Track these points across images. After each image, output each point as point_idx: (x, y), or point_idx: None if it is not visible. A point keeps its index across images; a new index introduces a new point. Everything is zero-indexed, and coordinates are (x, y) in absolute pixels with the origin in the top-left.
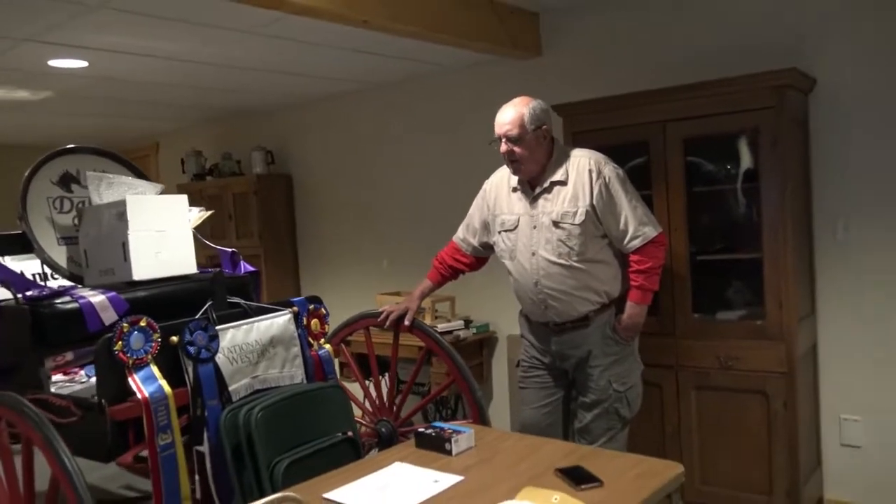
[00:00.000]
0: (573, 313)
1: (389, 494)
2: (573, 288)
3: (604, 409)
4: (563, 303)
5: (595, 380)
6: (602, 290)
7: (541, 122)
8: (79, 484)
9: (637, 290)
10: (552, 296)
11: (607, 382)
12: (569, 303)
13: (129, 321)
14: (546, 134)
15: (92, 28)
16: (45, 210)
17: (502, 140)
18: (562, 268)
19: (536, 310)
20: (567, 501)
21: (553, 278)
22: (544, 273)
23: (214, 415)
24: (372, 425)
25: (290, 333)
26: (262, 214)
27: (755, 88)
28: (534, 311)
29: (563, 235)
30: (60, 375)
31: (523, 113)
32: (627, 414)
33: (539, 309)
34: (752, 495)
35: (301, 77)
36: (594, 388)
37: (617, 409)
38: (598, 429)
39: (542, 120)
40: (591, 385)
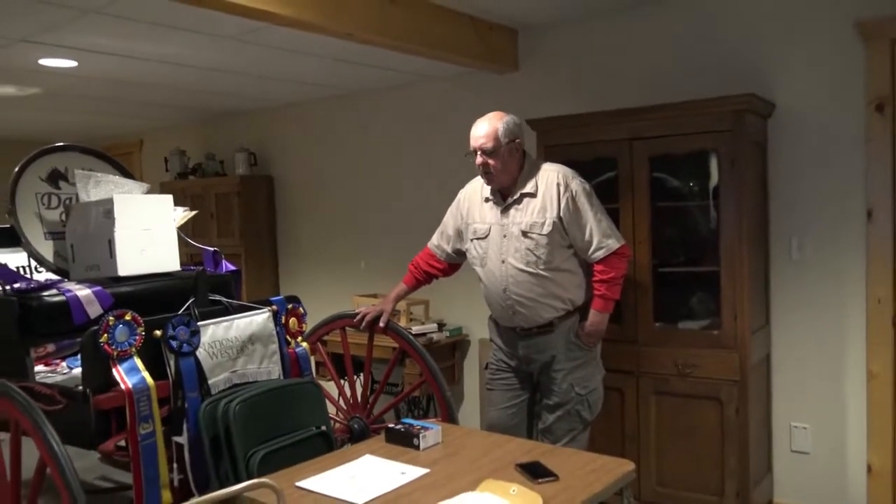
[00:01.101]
0: (539, 319)
1: (358, 484)
2: (539, 295)
3: (566, 410)
4: (530, 309)
5: (558, 383)
6: (567, 297)
7: (513, 136)
8: (67, 467)
9: (599, 299)
10: (520, 302)
11: (570, 386)
12: (535, 309)
13: (114, 315)
14: (518, 147)
15: (84, 30)
16: (34, 205)
17: (477, 152)
18: (529, 275)
19: (505, 315)
20: (524, 493)
21: (521, 285)
22: (513, 280)
23: (194, 406)
24: (345, 422)
25: (269, 331)
26: (243, 214)
27: (716, 112)
28: (502, 315)
29: (532, 245)
30: (42, 366)
31: (497, 127)
32: (588, 416)
33: (507, 314)
34: (705, 496)
35: (284, 82)
36: (557, 392)
37: (578, 411)
38: (560, 430)
39: (514, 134)
40: (554, 388)
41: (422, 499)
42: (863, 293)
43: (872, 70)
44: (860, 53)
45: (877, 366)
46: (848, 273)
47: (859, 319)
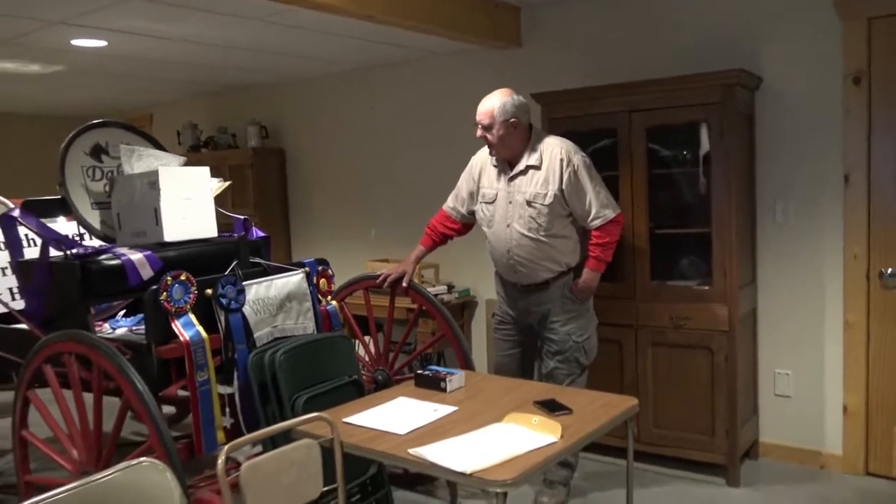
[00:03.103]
0: (536, 279)
1: (398, 419)
2: (539, 258)
3: (565, 357)
4: (530, 269)
5: (557, 332)
6: (563, 261)
7: (510, 115)
8: (150, 402)
9: (594, 260)
10: (521, 263)
11: (567, 335)
12: (534, 269)
13: (171, 275)
14: (516, 125)
15: (120, 13)
16: (80, 177)
17: (478, 126)
18: (531, 240)
19: (507, 272)
20: (544, 423)
21: (523, 248)
22: (516, 243)
23: (243, 357)
24: (370, 374)
25: (304, 290)
26: (256, 186)
27: (707, 85)
28: (505, 272)
29: (534, 213)
30: None
31: (495, 106)
32: (585, 361)
33: (510, 272)
34: (697, 436)
35: (296, 58)
36: (556, 340)
37: (577, 357)
38: (560, 374)
39: (511, 113)
40: (553, 337)
41: (454, 429)
42: (840, 250)
43: (850, 46)
44: (839, 31)
45: (852, 316)
46: (827, 232)
47: (837, 274)
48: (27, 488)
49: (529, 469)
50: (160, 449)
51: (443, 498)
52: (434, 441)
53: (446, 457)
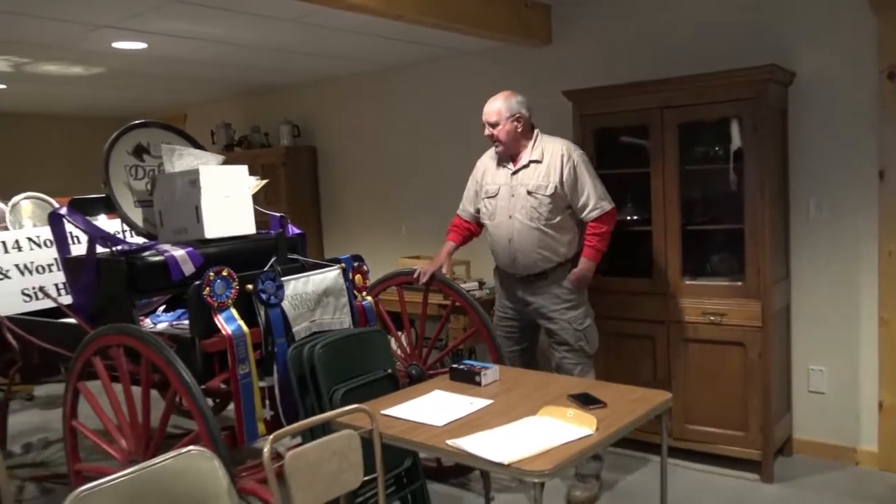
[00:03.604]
0: (535, 269)
1: (435, 411)
2: (538, 247)
3: (570, 347)
4: (529, 258)
5: (557, 322)
6: (560, 251)
7: (514, 113)
8: (197, 392)
9: (591, 249)
10: (521, 251)
11: (567, 323)
12: (533, 259)
13: (214, 271)
14: (520, 121)
15: (162, 17)
16: (123, 176)
17: (485, 125)
18: (531, 230)
19: (507, 262)
20: (580, 416)
21: (523, 237)
22: (517, 233)
23: (282, 351)
24: (403, 368)
25: (340, 286)
26: (289, 184)
27: (740, 81)
28: (505, 262)
29: (536, 203)
30: None
31: (501, 105)
32: (590, 350)
33: (510, 262)
34: (730, 432)
35: (327, 58)
36: (559, 330)
37: (581, 346)
38: (568, 364)
39: (516, 111)
40: (554, 327)
41: (491, 421)
42: (875, 247)
43: (884, 40)
44: (873, 25)
45: (888, 313)
46: (862, 229)
47: (872, 272)
48: (77, 476)
49: (566, 460)
50: (207, 438)
51: (476, 491)
52: (471, 433)
53: (484, 448)
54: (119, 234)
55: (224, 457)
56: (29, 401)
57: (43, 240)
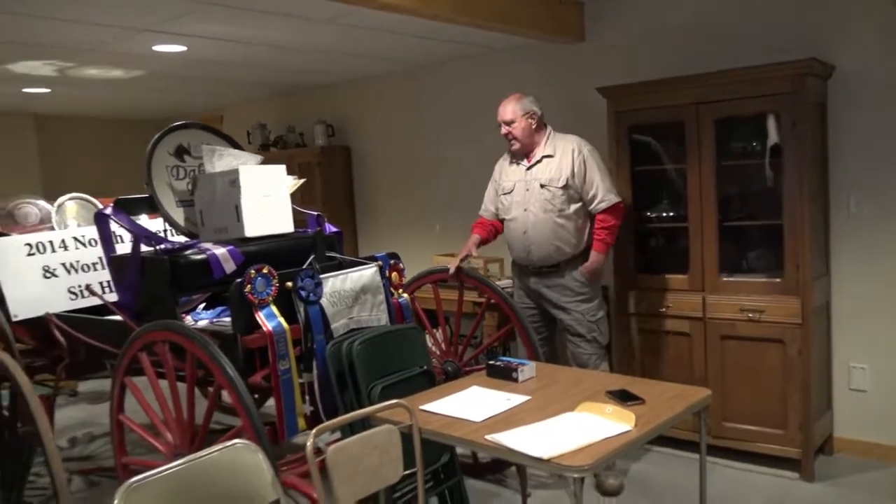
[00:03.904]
0: (549, 261)
1: (473, 407)
2: (552, 238)
3: (584, 338)
4: (543, 249)
5: (571, 313)
6: (573, 242)
7: (527, 111)
8: (241, 387)
9: (600, 243)
10: (535, 243)
11: (581, 315)
12: (547, 251)
13: (255, 268)
14: (534, 117)
15: (201, 20)
16: (165, 177)
17: (501, 124)
18: (545, 221)
19: (523, 254)
20: (619, 412)
21: (538, 229)
22: (532, 225)
23: (321, 347)
24: (439, 365)
25: (377, 283)
26: (323, 183)
27: (778, 76)
28: (521, 255)
29: (549, 196)
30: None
31: (515, 105)
32: (603, 340)
33: (525, 253)
34: (769, 430)
35: (361, 58)
36: (573, 321)
37: (595, 336)
38: (584, 354)
39: (529, 109)
40: (570, 319)
41: (528, 417)
42: None
43: None
44: None
45: None
46: None
47: None
48: (124, 469)
49: (606, 455)
50: (251, 431)
51: (513, 488)
52: (509, 429)
53: (524, 443)
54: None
55: (268, 450)
56: (73, 396)
57: (88, 239)
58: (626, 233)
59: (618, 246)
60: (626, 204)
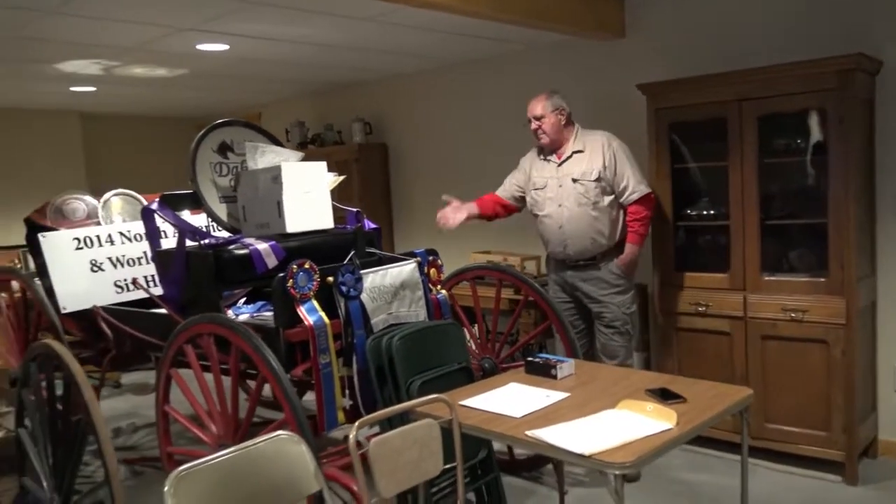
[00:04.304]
0: (586, 252)
1: (512, 403)
2: (587, 231)
3: (618, 330)
4: (579, 243)
5: (607, 306)
6: (606, 233)
7: (557, 107)
8: (284, 379)
9: (634, 234)
10: (571, 237)
11: (616, 307)
12: (583, 244)
13: (296, 264)
14: (563, 114)
15: (244, 19)
16: (209, 173)
17: (531, 119)
18: (581, 215)
19: (558, 248)
20: (659, 410)
21: (572, 222)
22: (566, 219)
23: (361, 342)
24: (477, 361)
25: (416, 279)
26: (361, 180)
27: (824, 71)
28: (556, 249)
29: (582, 190)
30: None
31: (545, 101)
32: (633, 332)
33: (560, 248)
34: (812, 431)
35: (399, 55)
36: (608, 313)
37: (628, 329)
38: (614, 345)
39: (558, 105)
40: (605, 311)
41: (568, 414)
42: None
43: None
44: None
45: None
46: None
47: None
48: (169, 459)
49: (648, 453)
50: (294, 424)
51: (549, 485)
52: (549, 425)
53: (564, 439)
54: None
55: (311, 441)
56: (116, 387)
57: (133, 234)
58: (666, 230)
59: (657, 243)
60: (666, 202)
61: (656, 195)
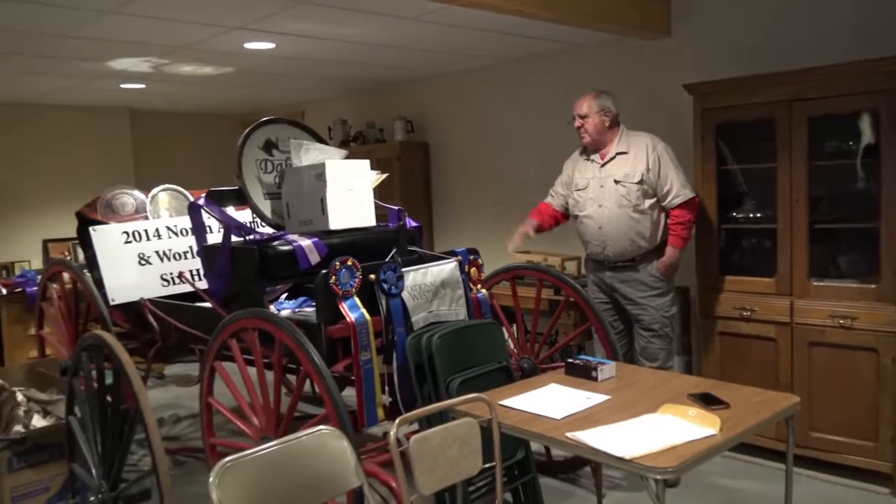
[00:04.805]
0: (625, 254)
1: (552, 404)
2: (626, 233)
3: (657, 333)
4: (619, 245)
5: (646, 308)
6: (647, 236)
7: (602, 107)
8: (327, 374)
9: (676, 238)
10: (611, 238)
11: (655, 310)
12: (623, 245)
13: (339, 261)
14: (608, 114)
15: (291, 18)
16: (254, 170)
17: (576, 117)
18: (620, 217)
19: (597, 249)
20: (702, 415)
21: (612, 224)
22: (606, 220)
23: (402, 339)
24: (516, 361)
25: (456, 278)
26: (402, 178)
27: (878, 72)
28: (595, 250)
29: (624, 192)
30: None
31: (592, 101)
32: (672, 335)
33: (599, 248)
34: (859, 441)
35: (441, 54)
36: (647, 316)
37: (667, 332)
38: (654, 348)
39: (604, 106)
40: (643, 313)
41: (609, 417)
42: None
43: None
44: None
45: None
46: None
47: None
48: (212, 450)
49: (690, 459)
50: (335, 419)
51: (586, 487)
52: (589, 427)
53: (604, 442)
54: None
55: (351, 437)
56: (160, 379)
57: (179, 228)
58: (710, 233)
59: (700, 246)
60: (710, 204)
61: (700, 197)
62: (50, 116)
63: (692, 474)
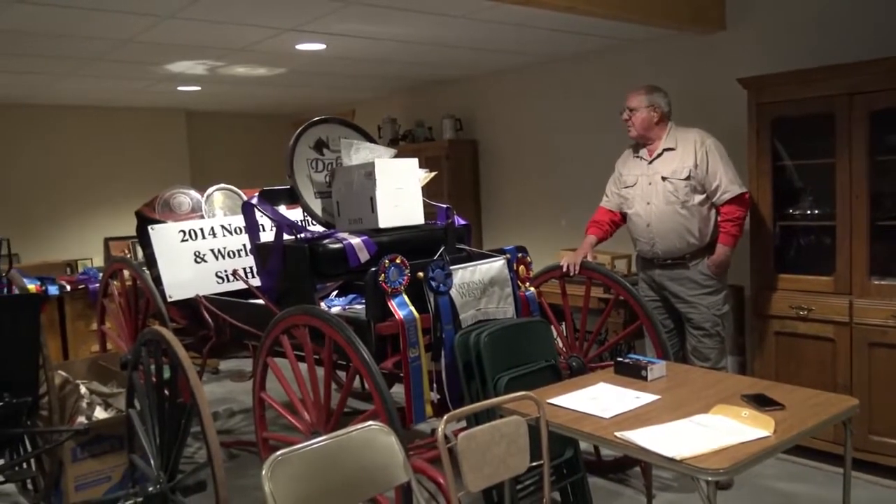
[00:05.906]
0: (674, 251)
1: (601, 404)
2: (675, 230)
3: (707, 332)
4: (667, 241)
5: (697, 307)
6: (696, 233)
7: (652, 103)
8: (376, 371)
9: (727, 235)
10: (659, 235)
11: (706, 308)
12: (671, 242)
13: (388, 258)
14: (657, 109)
15: (342, 19)
16: (306, 169)
17: (625, 109)
18: (668, 213)
19: (646, 247)
20: (756, 417)
21: (661, 221)
22: (655, 217)
23: (450, 337)
24: (564, 360)
25: (505, 276)
26: (450, 177)
27: None
28: (644, 248)
29: (672, 188)
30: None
31: (643, 95)
32: (724, 334)
33: (648, 246)
34: None
35: (490, 52)
36: (697, 314)
37: (718, 330)
38: (706, 347)
39: (654, 102)
40: (694, 312)
41: (660, 416)
42: None
43: None
44: None
45: None
46: None
47: None
48: (264, 443)
49: (742, 461)
50: (384, 415)
51: (636, 488)
52: (639, 427)
53: (654, 442)
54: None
55: (400, 433)
56: (215, 374)
57: (233, 227)
58: (764, 230)
59: (755, 243)
60: (765, 201)
61: (753, 194)
62: (112, 118)
63: (745, 477)
